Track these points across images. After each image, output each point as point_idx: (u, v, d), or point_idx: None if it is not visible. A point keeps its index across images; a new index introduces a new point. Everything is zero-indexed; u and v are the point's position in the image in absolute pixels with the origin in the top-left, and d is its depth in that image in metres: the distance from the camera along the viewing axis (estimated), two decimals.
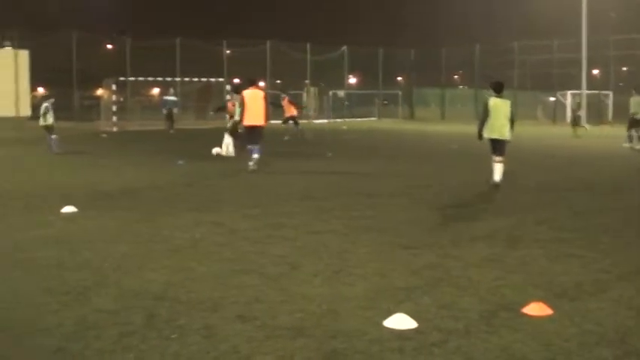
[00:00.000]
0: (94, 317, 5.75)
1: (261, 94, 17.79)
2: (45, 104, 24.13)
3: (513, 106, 14.58)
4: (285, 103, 30.49)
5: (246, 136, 17.68)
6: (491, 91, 14.75)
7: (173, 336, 5.32)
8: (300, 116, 31.96)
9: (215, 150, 21.37)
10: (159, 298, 6.29)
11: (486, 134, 14.39)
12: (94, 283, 6.81)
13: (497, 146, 14.31)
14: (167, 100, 36.70)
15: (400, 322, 5.55)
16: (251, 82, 18.11)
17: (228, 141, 21.43)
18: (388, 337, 5.29)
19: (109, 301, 6.19)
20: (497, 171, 14.26)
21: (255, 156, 17.15)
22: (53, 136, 23.37)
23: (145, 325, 5.56)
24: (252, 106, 17.18)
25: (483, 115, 14.45)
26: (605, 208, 11.64)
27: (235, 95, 20.83)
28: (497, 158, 14.28)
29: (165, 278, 6.97)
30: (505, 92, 14.80)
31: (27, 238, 8.98)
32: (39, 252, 8.14)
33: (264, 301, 6.19)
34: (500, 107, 14.30)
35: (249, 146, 17.45)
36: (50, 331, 5.44)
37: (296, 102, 31.26)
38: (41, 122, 23.84)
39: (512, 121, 14.36)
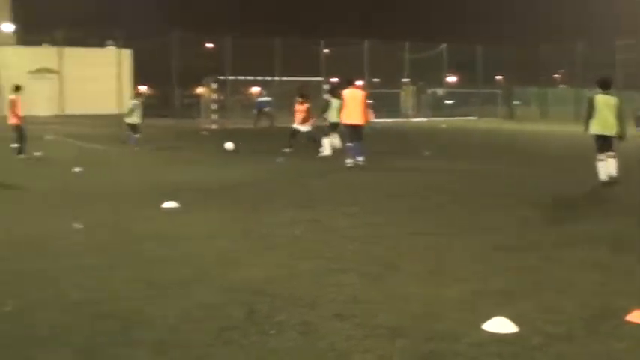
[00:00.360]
0: (195, 310, 5.89)
1: (360, 93, 18.04)
2: (133, 102, 24.92)
3: (621, 103, 14.28)
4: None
5: (346, 134, 18.03)
6: (597, 88, 14.57)
7: (272, 331, 5.39)
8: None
9: (331, 144, 21.51)
10: (258, 293, 6.39)
11: (592, 130, 14.31)
12: (195, 277, 6.97)
13: (604, 143, 14.15)
14: (261, 102, 38.93)
15: (499, 325, 5.46)
16: (349, 82, 18.51)
17: (332, 139, 21.66)
18: (487, 341, 5.21)
19: (210, 295, 6.32)
20: (611, 166, 14.13)
21: (354, 155, 17.49)
22: (136, 135, 24.27)
23: (245, 320, 5.65)
24: (351, 105, 17.48)
25: (589, 111, 14.35)
26: None
27: (327, 95, 21.19)
28: (610, 154, 14.14)
29: (265, 274, 7.07)
30: (609, 91, 14.44)
31: (134, 232, 9.26)
32: (144, 246, 8.39)
33: (362, 300, 6.20)
34: (606, 103, 14.14)
35: (347, 144, 17.77)
36: (153, 322, 5.60)
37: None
38: (127, 120, 24.63)
39: (619, 118, 14.10)
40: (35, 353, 5.00)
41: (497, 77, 65.31)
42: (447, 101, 57.01)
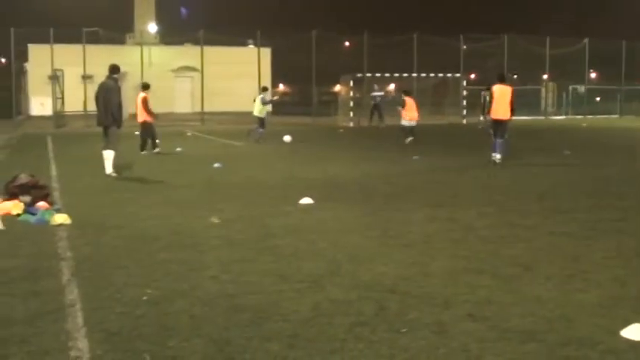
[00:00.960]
0: (327, 305, 5.97)
1: (509, 89, 18.23)
2: (260, 96, 25.83)
3: None
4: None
5: (493, 129, 18.25)
6: None
7: (403, 330, 5.40)
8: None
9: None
10: (390, 291, 6.41)
11: None
12: (327, 272, 7.06)
13: None
14: (374, 96, 38.37)
15: (638, 332, 5.26)
16: (500, 78, 18.81)
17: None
18: (624, 348, 5.03)
19: (342, 291, 6.39)
20: None
21: (498, 151, 17.76)
22: (260, 130, 25.29)
23: (376, 317, 5.69)
24: (501, 100, 17.90)
25: None
26: None
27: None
28: None
29: (397, 272, 7.09)
30: None
31: (269, 227, 9.48)
32: (279, 241, 8.57)
33: (495, 301, 6.11)
34: None
35: (494, 139, 18.02)
36: (287, 316, 5.72)
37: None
38: (255, 112, 25.54)
39: None
40: (170, 342, 5.20)
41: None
42: (597, 98, 55.02)
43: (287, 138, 24.93)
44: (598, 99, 55.43)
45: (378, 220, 9.98)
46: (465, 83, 44.09)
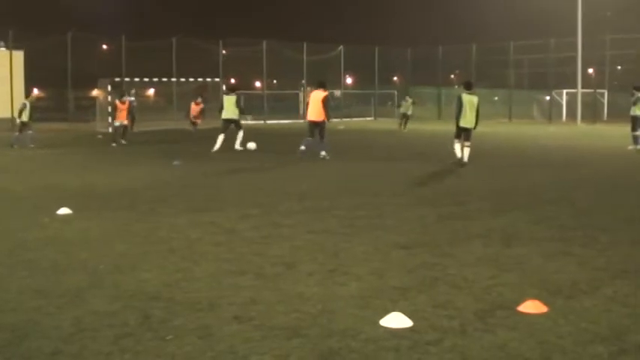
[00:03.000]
0: (90, 319, 5.75)
1: (321, 94, 20.46)
2: (23, 102, 26.71)
3: (479, 101, 18.54)
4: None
5: (310, 130, 20.67)
6: (462, 88, 19.16)
7: (169, 337, 5.32)
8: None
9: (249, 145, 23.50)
10: (154, 298, 6.29)
11: (460, 124, 18.39)
12: (89, 284, 6.80)
13: (466, 133, 18.43)
14: (131, 101, 37.94)
15: (396, 320, 5.56)
16: (319, 84, 21.21)
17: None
18: (384, 336, 5.29)
19: (105, 303, 6.18)
20: (467, 153, 18.34)
21: (319, 149, 20.31)
22: (29, 132, 25.75)
23: (141, 326, 5.56)
24: (314, 104, 20.33)
25: (460, 108, 18.35)
26: (605, 207, 11.66)
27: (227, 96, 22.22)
28: (467, 143, 18.40)
29: (161, 279, 6.98)
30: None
31: (23, 240, 8.97)
32: (35, 254, 8.13)
33: (260, 301, 6.19)
34: (472, 102, 18.34)
35: (307, 138, 20.61)
36: (47, 333, 5.43)
37: None
38: (18, 119, 26.28)
39: (477, 113, 18.32)
40: None
41: (394, 78, 66.38)
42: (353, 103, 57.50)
43: (251, 145, 23.93)
44: (350, 103, 57.79)
45: (140, 228, 9.77)
46: (224, 88, 44.41)
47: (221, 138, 22.98)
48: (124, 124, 28.36)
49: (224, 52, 50.41)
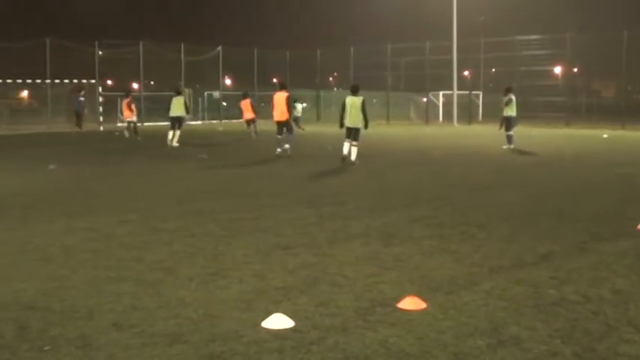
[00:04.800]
0: None
1: (285, 95, 22.03)
2: None
3: (364, 103, 19.32)
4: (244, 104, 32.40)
5: (278, 128, 22.26)
6: (349, 92, 19.89)
7: (46, 347, 5.16)
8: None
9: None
10: (30, 308, 6.08)
11: (346, 124, 19.41)
12: None
13: (353, 133, 19.30)
14: (80, 102, 38.22)
15: (278, 322, 5.58)
16: (281, 86, 22.83)
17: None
18: (266, 338, 5.30)
19: None
20: (354, 152, 19.26)
21: (284, 144, 22.05)
22: None
23: (17, 338, 5.36)
24: (277, 105, 21.98)
25: (343, 110, 19.49)
26: (481, 205, 12.04)
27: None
28: (354, 142, 19.27)
29: (37, 287, 6.75)
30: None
31: None
32: None
33: (140, 308, 6.08)
34: (354, 103, 19.24)
35: (277, 136, 22.36)
36: None
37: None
38: None
39: (364, 114, 19.16)
40: None
41: (274, 80, 66.50)
42: (224, 103, 57.09)
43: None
44: (224, 104, 57.37)
45: (14, 235, 9.41)
46: (100, 89, 43.40)
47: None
48: None
49: (100, 53, 49.23)
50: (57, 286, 6.81)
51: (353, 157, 19.17)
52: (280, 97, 22.08)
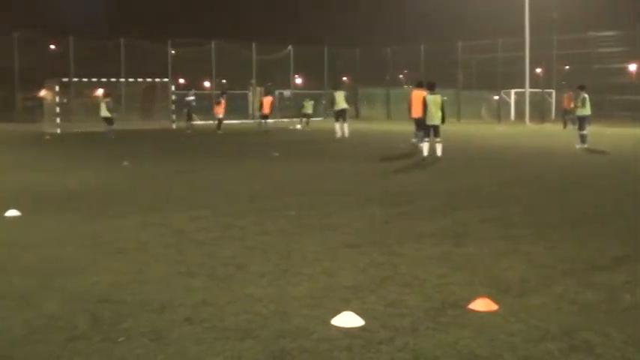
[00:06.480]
0: (39, 322, 5.67)
1: (422, 93, 21.52)
2: None
3: (443, 100, 20.20)
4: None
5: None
6: (427, 90, 20.51)
7: (120, 339, 5.27)
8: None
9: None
10: (104, 300, 6.22)
11: (427, 122, 20.02)
12: (38, 287, 6.71)
13: (435, 130, 19.98)
14: (189, 100, 40.24)
15: (347, 320, 5.58)
16: (422, 85, 22.97)
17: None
18: (336, 336, 5.31)
19: (54, 305, 6.10)
20: (439, 148, 19.91)
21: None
22: None
23: (91, 329, 5.50)
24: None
25: (424, 108, 20.03)
26: (554, 205, 11.84)
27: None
28: (437, 139, 19.98)
29: (111, 280, 6.90)
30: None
31: None
32: None
33: (211, 303, 6.16)
34: (435, 101, 19.88)
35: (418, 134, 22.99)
36: None
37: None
38: None
39: (443, 111, 19.96)
40: None
41: (344, 78, 66.51)
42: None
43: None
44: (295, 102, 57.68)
45: (89, 230, 9.65)
46: (173, 88, 44.07)
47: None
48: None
49: (173, 52, 50.04)
50: (130, 279, 6.96)
51: (439, 153, 19.90)
52: (418, 95, 22.29)
